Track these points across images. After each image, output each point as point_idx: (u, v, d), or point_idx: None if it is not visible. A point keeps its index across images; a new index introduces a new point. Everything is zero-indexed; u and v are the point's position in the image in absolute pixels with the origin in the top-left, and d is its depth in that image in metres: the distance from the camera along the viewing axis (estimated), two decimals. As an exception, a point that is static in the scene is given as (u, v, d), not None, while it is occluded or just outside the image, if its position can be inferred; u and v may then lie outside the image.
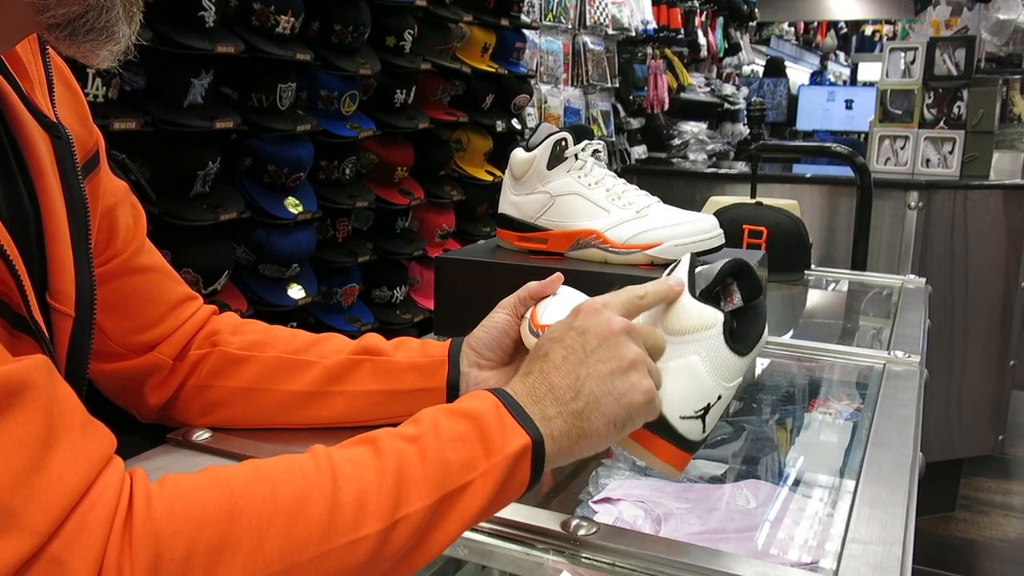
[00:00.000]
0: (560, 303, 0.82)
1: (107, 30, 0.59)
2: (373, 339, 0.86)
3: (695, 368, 0.69)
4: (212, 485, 0.54)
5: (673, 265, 0.75)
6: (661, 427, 0.68)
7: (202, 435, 0.83)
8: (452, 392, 0.84)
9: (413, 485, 0.58)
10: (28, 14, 0.57)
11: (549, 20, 3.58)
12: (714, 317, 0.69)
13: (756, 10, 6.24)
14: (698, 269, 0.74)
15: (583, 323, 0.68)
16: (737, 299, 0.74)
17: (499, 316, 0.86)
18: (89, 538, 0.48)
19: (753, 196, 1.93)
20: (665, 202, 1.14)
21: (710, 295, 0.72)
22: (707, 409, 0.69)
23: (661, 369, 0.70)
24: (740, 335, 0.71)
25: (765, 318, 0.73)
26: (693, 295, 0.71)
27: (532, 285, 0.86)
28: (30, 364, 0.50)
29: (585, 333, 0.67)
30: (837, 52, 10.39)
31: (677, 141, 4.78)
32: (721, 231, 1.11)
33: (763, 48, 7.67)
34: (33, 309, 0.60)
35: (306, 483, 0.56)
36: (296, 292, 2.02)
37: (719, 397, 0.69)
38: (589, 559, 0.66)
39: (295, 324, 1.95)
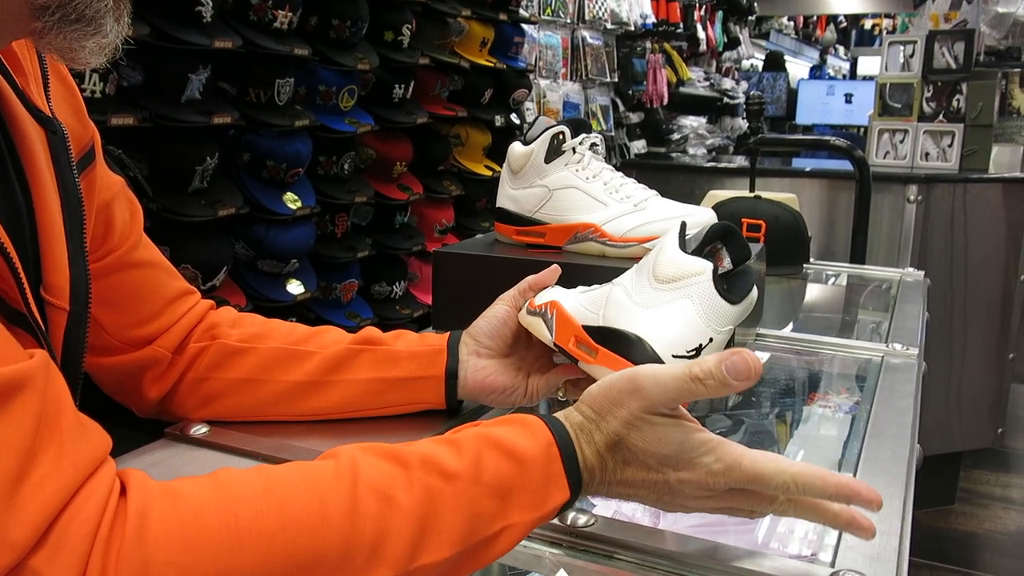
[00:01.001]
0: (560, 289, 0.85)
1: (95, 21, 0.58)
2: (371, 331, 0.87)
3: (686, 310, 0.71)
4: (217, 509, 0.50)
5: (665, 235, 0.78)
6: (652, 363, 0.69)
7: (200, 430, 0.83)
8: (450, 380, 0.85)
9: (437, 534, 0.54)
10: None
11: (548, 14, 3.57)
12: (703, 266, 0.72)
13: (755, 4, 6.24)
14: (688, 235, 0.77)
15: (685, 476, 0.60)
16: (726, 262, 0.77)
17: (499, 307, 0.87)
18: (71, 554, 0.46)
19: (752, 190, 1.93)
20: (664, 196, 1.14)
21: (700, 255, 0.75)
22: (699, 349, 0.71)
23: (653, 313, 0.72)
24: (731, 288, 0.74)
25: (755, 277, 0.75)
26: (683, 250, 0.75)
27: (531, 278, 0.87)
28: (32, 364, 0.49)
29: (681, 485, 0.60)
30: (836, 46, 10.38)
31: (676, 135, 4.78)
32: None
33: (762, 42, 7.66)
34: (30, 303, 0.60)
35: (322, 516, 0.52)
36: (295, 287, 2.02)
37: (711, 340, 0.72)
38: (587, 551, 0.66)
39: (294, 319, 1.95)
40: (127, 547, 0.47)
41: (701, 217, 1.10)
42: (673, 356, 0.70)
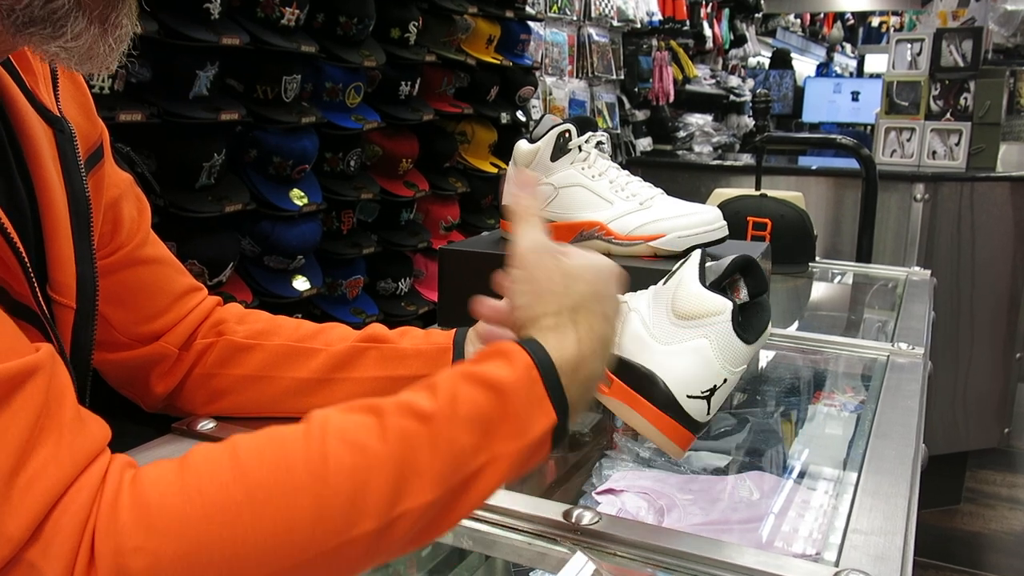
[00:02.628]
0: None
1: (52, 23, 0.55)
2: (377, 328, 0.87)
3: (703, 350, 0.71)
4: (180, 490, 0.49)
5: (682, 260, 0.77)
6: (669, 405, 0.70)
7: (207, 424, 0.83)
8: None
9: (417, 477, 0.52)
10: None
11: (554, 12, 3.57)
12: (723, 305, 0.72)
13: (762, 1, 6.22)
14: (708, 264, 0.76)
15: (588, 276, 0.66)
16: (743, 294, 0.76)
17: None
18: (62, 546, 0.46)
19: (758, 188, 1.92)
20: (670, 194, 1.14)
21: (718, 288, 0.74)
22: (713, 391, 0.71)
23: (671, 350, 0.72)
24: (746, 326, 0.73)
25: (770, 313, 0.75)
26: (704, 286, 0.73)
27: None
28: (37, 359, 0.50)
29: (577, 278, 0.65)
30: (844, 44, 10.35)
31: (682, 133, 4.77)
32: (725, 223, 1.11)
33: (769, 40, 7.64)
34: (38, 295, 0.60)
35: (290, 480, 0.50)
36: (301, 284, 2.02)
37: (725, 380, 0.71)
38: (592, 548, 0.66)
39: (300, 316, 1.95)
40: (100, 541, 0.47)
41: (707, 215, 1.10)
42: (688, 396, 0.70)
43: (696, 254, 0.76)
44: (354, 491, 0.51)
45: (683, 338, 0.72)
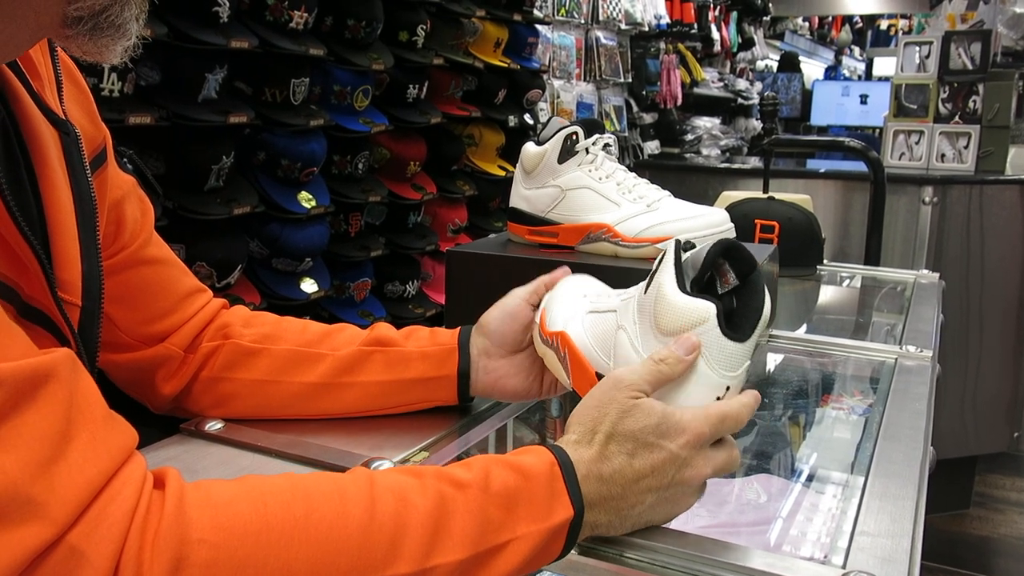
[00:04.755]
0: (567, 301, 0.82)
1: (124, 27, 0.59)
2: (384, 329, 0.87)
3: (697, 367, 0.67)
4: (247, 499, 0.53)
5: (660, 258, 0.72)
6: None
7: (215, 425, 0.84)
8: (463, 380, 0.85)
9: (450, 536, 0.57)
10: (57, 5, 0.57)
11: (562, 15, 3.57)
12: (706, 310, 0.66)
13: (770, 5, 6.21)
14: (685, 257, 0.71)
15: (670, 447, 0.64)
16: (732, 278, 0.71)
17: (511, 300, 0.86)
18: (109, 530, 0.48)
19: (766, 191, 1.92)
20: (678, 197, 1.14)
21: (702, 282, 0.70)
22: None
23: None
24: (739, 317, 0.69)
25: (764, 292, 0.70)
26: (683, 288, 0.68)
27: (545, 277, 0.87)
28: (56, 357, 0.51)
29: (662, 464, 0.64)
30: (852, 47, 10.32)
31: (690, 136, 4.77)
32: (732, 225, 1.11)
33: (777, 43, 7.63)
34: (59, 297, 0.61)
35: (343, 508, 0.55)
36: (309, 286, 2.03)
37: (727, 388, 0.68)
38: (598, 551, 0.66)
39: (308, 318, 1.96)
40: (165, 527, 0.50)
41: (714, 217, 1.10)
42: None
43: (670, 249, 0.71)
44: (395, 533, 0.55)
45: None
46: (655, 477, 0.64)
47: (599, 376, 0.74)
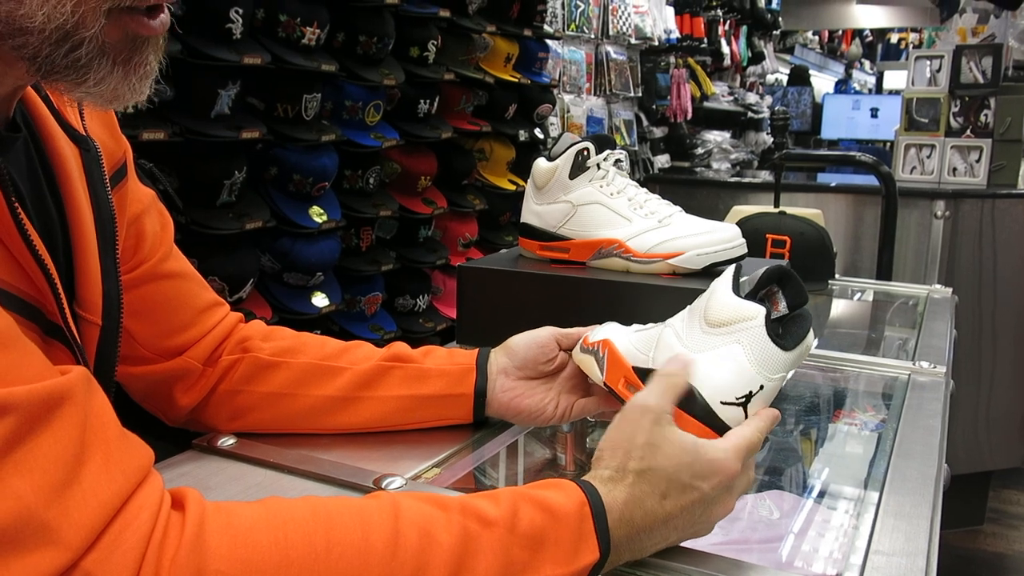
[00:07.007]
0: (614, 326, 0.84)
1: (78, 70, 0.55)
2: (401, 347, 0.88)
3: (736, 356, 0.68)
4: (268, 527, 0.52)
5: (719, 277, 0.75)
6: (702, 412, 0.68)
7: (227, 441, 0.84)
8: (479, 399, 0.85)
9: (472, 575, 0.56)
10: (10, 51, 0.54)
11: (572, 30, 3.58)
12: (756, 310, 0.69)
13: (780, 19, 6.22)
14: (743, 278, 0.74)
15: (703, 485, 0.64)
16: (782, 306, 0.74)
17: (544, 333, 0.87)
18: (124, 556, 0.48)
19: (776, 205, 1.92)
20: (688, 211, 1.14)
21: (754, 298, 0.72)
22: (748, 397, 0.68)
23: (703, 358, 0.70)
24: (784, 334, 0.71)
25: (810, 322, 0.72)
26: (737, 294, 0.71)
27: (584, 328, 0.87)
28: (71, 378, 0.51)
29: (702, 498, 0.64)
30: (862, 60, 10.33)
31: (700, 150, 4.77)
32: (743, 240, 1.11)
33: (787, 57, 7.64)
34: (68, 318, 0.61)
35: (366, 543, 0.54)
36: (320, 300, 2.03)
37: (761, 387, 0.68)
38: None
39: (319, 332, 1.96)
40: (183, 553, 0.49)
41: (726, 233, 1.10)
42: (721, 403, 0.68)
43: (730, 268, 0.74)
44: (417, 569, 0.54)
45: (715, 345, 0.70)
46: (683, 517, 0.64)
47: (635, 369, 0.76)
